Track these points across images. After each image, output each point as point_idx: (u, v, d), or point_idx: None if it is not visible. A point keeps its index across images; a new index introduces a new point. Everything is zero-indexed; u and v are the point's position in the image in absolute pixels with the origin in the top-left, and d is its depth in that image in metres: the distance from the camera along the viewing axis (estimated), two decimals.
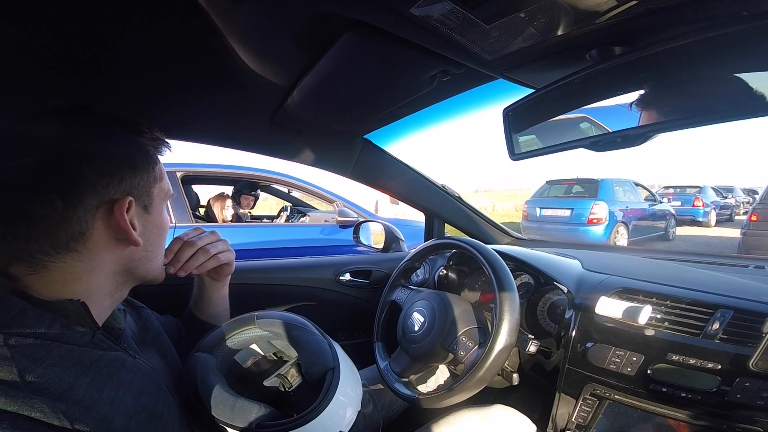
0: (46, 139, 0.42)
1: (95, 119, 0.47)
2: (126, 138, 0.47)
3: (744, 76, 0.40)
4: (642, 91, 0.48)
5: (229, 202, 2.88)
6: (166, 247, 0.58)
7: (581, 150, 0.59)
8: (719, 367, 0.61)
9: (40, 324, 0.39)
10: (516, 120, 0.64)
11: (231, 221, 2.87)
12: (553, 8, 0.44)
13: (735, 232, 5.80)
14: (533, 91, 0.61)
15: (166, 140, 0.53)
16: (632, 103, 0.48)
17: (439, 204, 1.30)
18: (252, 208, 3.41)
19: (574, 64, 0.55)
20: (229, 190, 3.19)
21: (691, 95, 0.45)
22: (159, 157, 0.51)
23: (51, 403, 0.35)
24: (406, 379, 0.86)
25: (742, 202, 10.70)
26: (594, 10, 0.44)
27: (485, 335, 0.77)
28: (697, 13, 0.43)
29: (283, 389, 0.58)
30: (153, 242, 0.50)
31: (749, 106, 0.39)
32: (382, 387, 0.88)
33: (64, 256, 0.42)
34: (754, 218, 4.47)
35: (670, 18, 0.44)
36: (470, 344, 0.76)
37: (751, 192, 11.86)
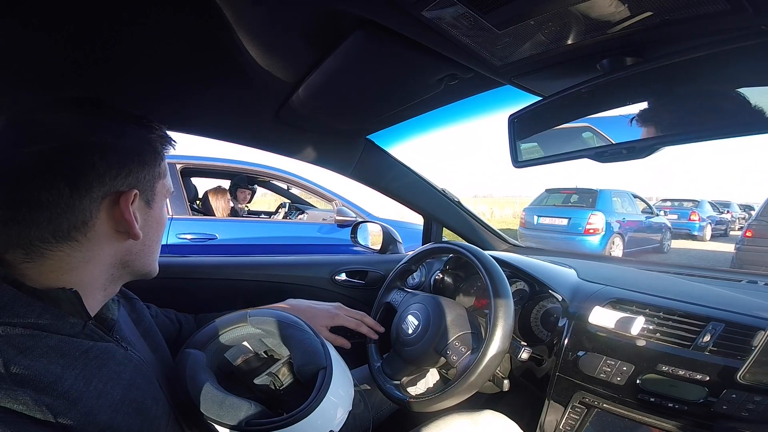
0: (61, 129, 0.43)
1: (109, 112, 0.47)
2: (137, 132, 0.48)
3: (759, 90, 0.39)
4: (652, 103, 0.47)
5: (225, 196, 2.87)
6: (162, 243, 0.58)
7: (583, 160, 0.59)
8: (707, 378, 0.61)
9: (30, 313, 0.39)
10: (521, 127, 0.64)
11: (227, 215, 2.86)
12: (566, 17, 0.43)
13: (729, 247, 5.83)
14: (540, 98, 0.60)
15: (172, 138, 0.53)
16: (640, 114, 0.48)
17: (438, 208, 1.30)
18: (249, 202, 3.40)
19: (584, 73, 0.54)
20: (226, 183, 3.18)
21: (704, 108, 0.44)
22: (164, 153, 0.52)
23: (34, 395, 0.35)
24: (398, 382, 0.85)
25: (738, 218, 10.77)
26: (607, 20, 0.43)
27: (478, 341, 0.77)
28: (715, 26, 0.42)
29: (273, 388, 0.58)
30: (151, 237, 0.51)
31: (763, 120, 0.39)
32: (372, 388, 0.88)
33: (63, 245, 0.42)
34: (749, 234, 4.51)
35: (686, 30, 0.43)
36: (463, 349, 0.76)
37: (747, 208, 11.93)
